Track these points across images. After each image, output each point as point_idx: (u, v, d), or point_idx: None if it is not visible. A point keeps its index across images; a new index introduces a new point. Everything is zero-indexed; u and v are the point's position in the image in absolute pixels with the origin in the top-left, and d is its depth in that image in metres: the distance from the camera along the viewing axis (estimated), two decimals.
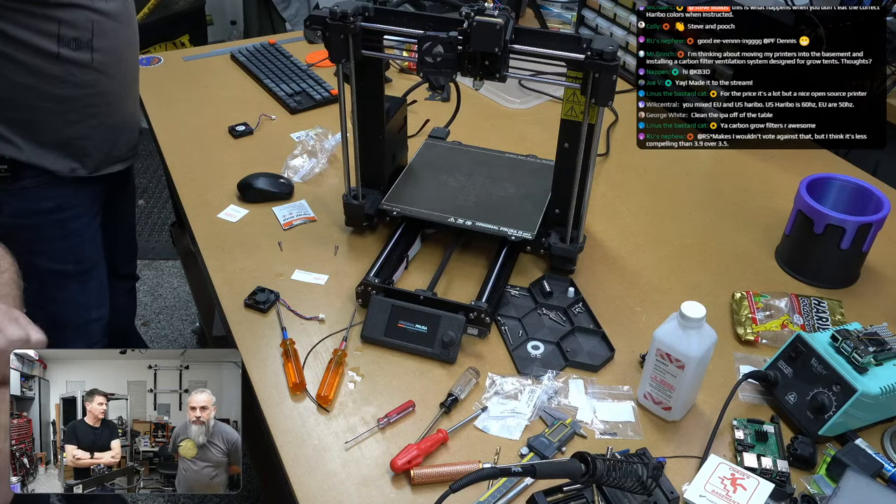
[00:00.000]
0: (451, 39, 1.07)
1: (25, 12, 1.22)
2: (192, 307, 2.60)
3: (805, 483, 0.94)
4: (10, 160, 1.31)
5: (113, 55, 1.35)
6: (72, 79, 1.30)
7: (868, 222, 1.18)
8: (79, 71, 1.30)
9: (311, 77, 1.82)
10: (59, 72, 1.28)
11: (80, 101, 1.34)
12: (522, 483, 0.92)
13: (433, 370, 1.08)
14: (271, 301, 1.18)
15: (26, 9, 1.21)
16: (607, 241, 1.35)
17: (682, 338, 0.94)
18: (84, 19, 1.28)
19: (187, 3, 3.46)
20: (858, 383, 0.95)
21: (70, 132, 1.36)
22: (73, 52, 1.28)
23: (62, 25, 1.25)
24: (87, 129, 1.38)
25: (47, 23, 1.24)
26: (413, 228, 1.30)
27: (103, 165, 1.44)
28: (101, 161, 1.43)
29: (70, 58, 1.28)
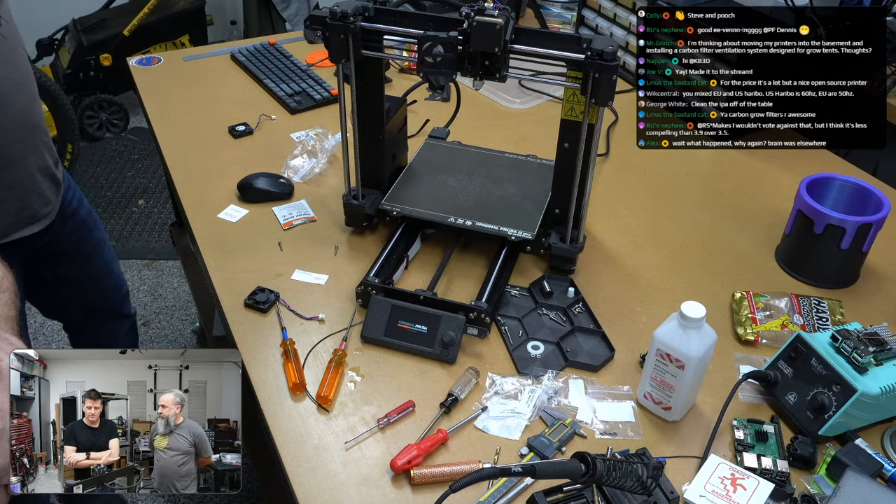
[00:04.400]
0: (451, 39, 1.07)
1: None
2: (192, 307, 2.60)
3: (805, 483, 0.94)
4: None
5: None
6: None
7: (868, 222, 1.18)
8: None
9: (311, 77, 1.82)
10: None
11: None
12: (522, 483, 0.92)
13: (433, 370, 1.08)
14: (271, 301, 1.18)
15: None
16: (607, 241, 1.35)
17: (682, 338, 0.94)
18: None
19: (187, 3, 3.47)
20: (858, 383, 0.95)
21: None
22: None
23: None
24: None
25: None
26: (413, 228, 1.30)
27: (13, 230, 1.26)
28: (10, 225, 1.25)
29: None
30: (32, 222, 1.31)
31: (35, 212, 1.31)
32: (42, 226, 1.33)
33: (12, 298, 0.85)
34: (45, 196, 1.33)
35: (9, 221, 1.26)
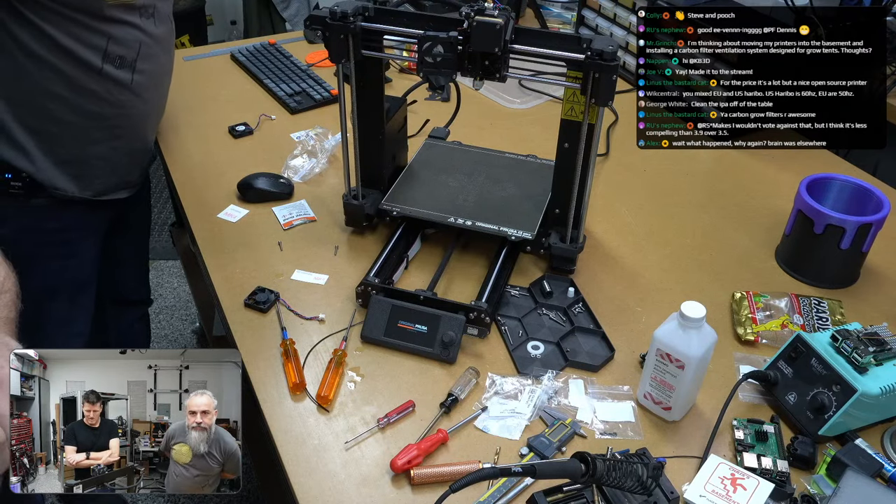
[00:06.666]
0: (451, 39, 1.07)
1: (79, 23, 1.20)
2: (192, 307, 2.60)
3: (805, 483, 0.94)
4: (24, 177, 1.30)
5: (151, 79, 1.35)
6: (108, 97, 1.29)
7: (868, 222, 1.18)
8: (116, 90, 1.29)
9: (311, 77, 1.82)
10: (97, 87, 1.27)
11: (109, 121, 1.32)
12: (522, 483, 0.92)
13: (433, 370, 1.08)
14: (271, 301, 1.18)
15: (81, 19, 1.20)
16: (607, 241, 1.35)
17: (682, 338, 0.94)
18: (133, 39, 1.27)
19: (187, 3, 3.47)
20: (858, 383, 0.95)
21: (89, 151, 1.34)
22: (115, 69, 1.27)
23: (111, 41, 1.24)
24: (107, 150, 1.35)
25: (97, 36, 1.23)
26: (413, 228, 1.30)
27: (112, 190, 1.42)
28: (112, 185, 1.41)
29: (111, 75, 1.27)
30: (128, 187, 1.46)
31: (133, 179, 1.47)
32: (131, 192, 1.48)
33: (13, 300, 0.85)
34: (143, 167, 1.50)
35: (114, 182, 1.42)
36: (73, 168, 1.34)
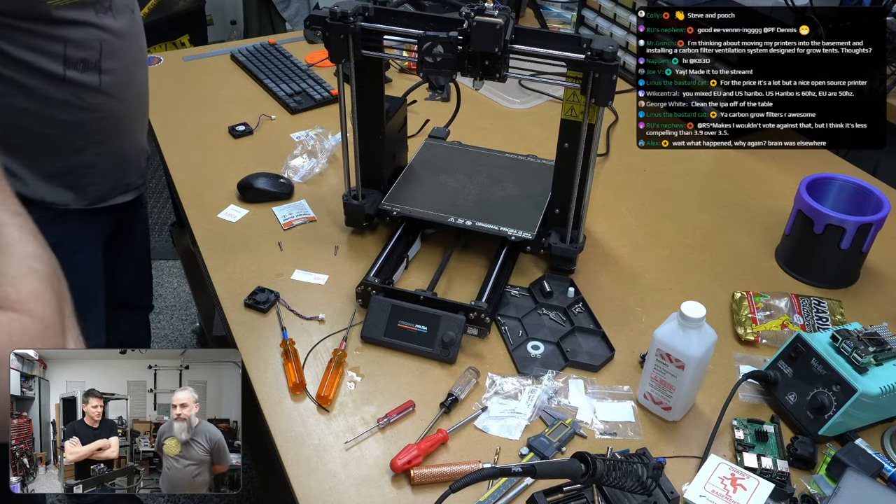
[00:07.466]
0: (451, 39, 1.07)
1: (29, 31, 1.13)
2: (192, 307, 2.60)
3: (805, 483, 0.94)
4: None
5: (122, 77, 1.28)
6: (79, 103, 1.22)
7: (868, 222, 1.18)
8: (86, 94, 1.23)
9: (311, 77, 1.82)
10: (65, 95, 1.20)
11: (88, 127, 1.26)
12: (522, 483, 0.92)
13: (433, 370, 1.08)
14: (271, 301, 1.18)
15: (30, 27, 1.13)
16: (607, 241, 1.35)
17: (682, 338, 0.94)
18: (92, 38, 1.20)
19: (187, 3, 3.46)
20: (858, 383, 0.95)
21: (76, 160, 1.28)
22: (79, 73, 1.20)
23: (68, 45, 1.17)
24: (93, 157, 1.30)
25: (52, 43, 1.16)
26: (413, 228, 1.30)
27: (110, 195, 1.37)
28: (108, 191, 1.37)
29: (77, 80, 1.20)
30: (127, 190, 1.42)
31: (132, 181, 1.43)
32: (134, 195, 1.45)
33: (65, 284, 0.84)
34: (140, 167, 1.45)
35: (110, 187, 1.37)
36: (63, 180, 1.29)
